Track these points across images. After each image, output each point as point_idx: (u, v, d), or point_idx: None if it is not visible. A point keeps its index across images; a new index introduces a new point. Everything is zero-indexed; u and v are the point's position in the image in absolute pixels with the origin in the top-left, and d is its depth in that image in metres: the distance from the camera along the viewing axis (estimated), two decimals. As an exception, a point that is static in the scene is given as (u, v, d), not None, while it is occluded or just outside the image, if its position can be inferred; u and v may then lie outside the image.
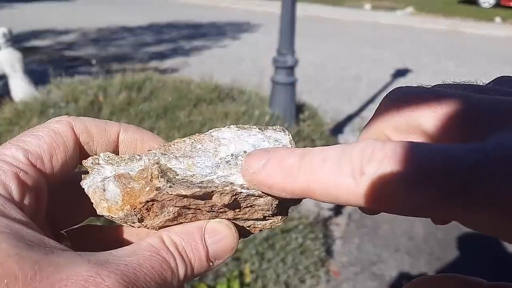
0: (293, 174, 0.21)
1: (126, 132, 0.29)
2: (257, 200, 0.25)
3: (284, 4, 2.93)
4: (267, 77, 3.65)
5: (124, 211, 0.25)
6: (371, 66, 5.78)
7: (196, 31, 7.78)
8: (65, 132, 0.27)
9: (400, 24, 9.44)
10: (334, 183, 0.19)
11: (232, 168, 0.25)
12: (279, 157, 0.22)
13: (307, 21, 8.54)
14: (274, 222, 0.28)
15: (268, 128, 0.27)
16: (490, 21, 10.11)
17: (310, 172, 0.20)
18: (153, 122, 2.82)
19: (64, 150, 0.26)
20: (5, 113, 2.86)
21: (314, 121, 3.31)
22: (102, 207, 0.26)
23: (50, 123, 0.27)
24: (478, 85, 0.24)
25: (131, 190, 0.25)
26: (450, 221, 0.20)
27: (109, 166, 0.27)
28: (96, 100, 3.02)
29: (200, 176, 0.25)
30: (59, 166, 0.26)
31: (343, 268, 2.11)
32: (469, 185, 0.16)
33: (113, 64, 5.16)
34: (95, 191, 0.26)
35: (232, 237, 0.26)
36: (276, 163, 0.22)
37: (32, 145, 0.25)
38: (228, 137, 0.27)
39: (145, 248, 0.23)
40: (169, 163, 0.26)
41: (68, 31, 7.24)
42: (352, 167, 0.19)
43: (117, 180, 0.25)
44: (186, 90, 3.27)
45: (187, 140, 0.27)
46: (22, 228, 0.20)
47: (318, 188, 0.20)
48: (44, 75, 3.61)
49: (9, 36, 3.36)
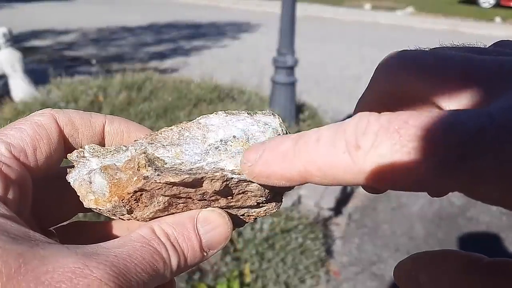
0: (289, 159, 0.20)
1: (112, 124, 0.29)
2: (249, 185, 0.24)
3: (284, 4, 2.93)
4: (267, 77, 3.65)
5: (112, 202, 0.25)
6: (371, 66, 5.76)
7: (196, 31, 7.78)
8: (48, 124, 0.26)
9: (400, 24, 9.44)
10: (330, 161, 0.18)
11: (221, 154, 0.25)
12: (274, 145, 0.21)
13: (307, 21, 8.54)
14: (269, 209, 0.27)
15: (258, 112, 0.26)
16: (490, 21, 10.11)
17: (305, 154, 0.19)
18: (153, 122, 2.81)
19: (48, 143, 0.26)
20: (5, 113, 2.86)
21: (314, 121, 3.31)
22: (89, 199, 0.25)
23: (33, 116, 0.26)
24: (479, 47, 0.23)
25: (118, 181, 0.24)
26: (448, 193, 0.19)
27: (94, 159, 0.26)
28: (96, 100, 3.02)
29: (189, 164, 0.24)
30: (43, 159, 0.25)
31: (343, 268, 2.11)
32: (475, 152, 0.15)
33: (113, 64, 5.16)
34: (81, 184, 0.25)
35: (226, 226, 0.25)
36: (272, 151, 0.21)
37: (14, 138, 0.25)
38: (217, 123, 0.26)
39: (135, 239, 0.23)
40: (156, 152, 0.25)
41: (68, 31, 7.24)
42: (346, 142, 0.18)
43: (103, 171, 0.25)
44: (186, 90, 3.27)
45: (174, 128, 0.27)
46: (5, 222, 0.20)
47: (315, 169, 0.19)
48: (44, 75, 3.60)
49: (9, 36, 3.36)
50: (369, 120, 0.18)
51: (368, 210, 2.59)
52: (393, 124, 0.17)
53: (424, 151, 0.16)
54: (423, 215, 2.54)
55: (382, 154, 0.17)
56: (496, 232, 2.42)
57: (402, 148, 0.16)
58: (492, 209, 2.57)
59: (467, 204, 2.63)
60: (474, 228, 2.45)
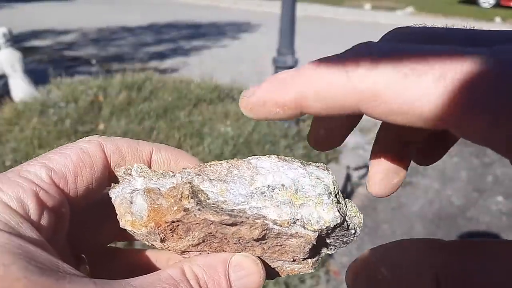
0: (285, 84, 0.19)
1: (159, 152, 0.28)
2: (289, 240, 0.23)
3: (284, 4, 2.93)
4: (267, 77, 3.64)
5: (148, 228, 0.24)
6: (371, 66, 5.77)
7: (196, 31, 7.78)
8: (94, 152, 0.25)
9: (400, 24, 9.40)
10: (326, 82, 0.17)
11: (266, 201, 0.24)
12: (273, 76, 0.20)
13: (307, 21, 8.54)
14: (304, 268, 0.26)
15: (311, 164, 0.26)
16: (490, 21, 10.10)
17: (302, 78, 0.19)
18: (153, 122, 2.82)
19: (91, 171, 0.25)
20: (5, 113, 2.86)
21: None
22: (126, 220, 0.24)
23: (80, 142, 0.26)
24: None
25: (159, 207, 0.23)
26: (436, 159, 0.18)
27: (140, 179, 0.25)
28: (96, 100, 3.02)
29: (231, 204, 0.23)
30: (84, 188, 0.25)
31: (343, 268, 2.11)
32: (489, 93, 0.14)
33: (113, 64, 5.16)
34: (121, 202, 0.25)
35: (259, 275, 0.24)
36: (270, 80, 0.20)
37: (57, 164, 0.24)
38: (267, 167, 0.25)
39: (164, 279, 0.22)
40: (202, 184, 0.24)
41: (68, 31, 7.23)
42: (344, 62, 0.17)
43: (146, 194, 0.24)
44: (186, 90, 3.27)
45: (224, 163, 0.26)
46: (35, 250, 0.19)
47: (310, 93, 0.18)
48: (44, 75, 3.60)
49: (9, 36, 3.35)
50: (369, 44, 0.17)
51: (368, 210, 2.59)
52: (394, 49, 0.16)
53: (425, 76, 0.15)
54: (423, 215, 2.54)
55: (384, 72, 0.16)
56: (496, 232, 2.42)
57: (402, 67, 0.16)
58: (492, 209, 2.58)
59: (467, 204, 2.63)
60: (474, 228, 2.45)
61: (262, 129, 2.83)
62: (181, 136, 2.69)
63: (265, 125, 2.89)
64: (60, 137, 2.60)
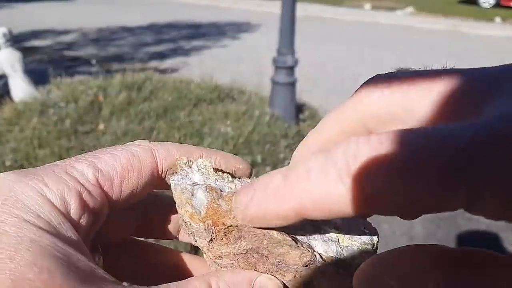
0: (281, 195, 0.18)
1: (209, 156, 0.28)
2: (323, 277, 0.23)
3: (284, 4, 2.93)
4: (267, 77, 3.65)
5: (205, 224, 0.23)
6: (371, 66, 5.78)
7: (196, 31, 7.78)
8: (144, 157, 0.25)
9: (400, 24, 9.44)
10: (323, 192, 0.17)
11: (317, 233, 0.24)
12: (264, 184, 0.19)
13: (307, 21, 8.54)
14: None
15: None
16: (490, 21, 10.11)
17: (297, 187, 0.18)
18: (153, 122, 2.82)
19: (138, 176, 0.25)
20: (5, 113, 2.86)
21: (314, 121, 3.31)
22: (186, 210, 0.24)
23: (130, 146, 0.25)
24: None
25: (218, 207, 0.23)
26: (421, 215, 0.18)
27: (199, 174, 0.25)
28: (96, 100, 3.02)
29: (292, 227, 0.23)
30: (128, 192, 0.25)
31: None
32: (473, 166, 0.14)
33: (113, 64, 5.16)
34: (183, 191, 0.24)
35: None
36: (262, 190, 0.19)
37: (105, 165, 0.24)
38: None
39: None
40: None
41: (68, 31, 7.24)
42: (338, 169, 0.16)
43: (208, 191, 0.24)
44: (186, 90, 3.27)
45: None
46: (75, 254, 0.20)
47: (309, 203, 0.17)
48: (44, 75, 3.60)
49: (9, 36, 3.36)
50: (359, 143, 0.16)
51: (368, 210, 2.59)
52: (384, 145, 0.16)
53: (419, 169, 0.15)
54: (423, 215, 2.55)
55: (374, 174, 0.16)
56: (496, 232, 2.42)
57: (394, 167, 0.15)
58: (492, 209, 2.58)
59: (467, 204, 2.63)
60: (474, 228, 2.45)
61: (262, 129, 2.83)
62: (181, 136, 2.70)
63: (265, 125, 2.89)
64: (60, 137, 2.60)
